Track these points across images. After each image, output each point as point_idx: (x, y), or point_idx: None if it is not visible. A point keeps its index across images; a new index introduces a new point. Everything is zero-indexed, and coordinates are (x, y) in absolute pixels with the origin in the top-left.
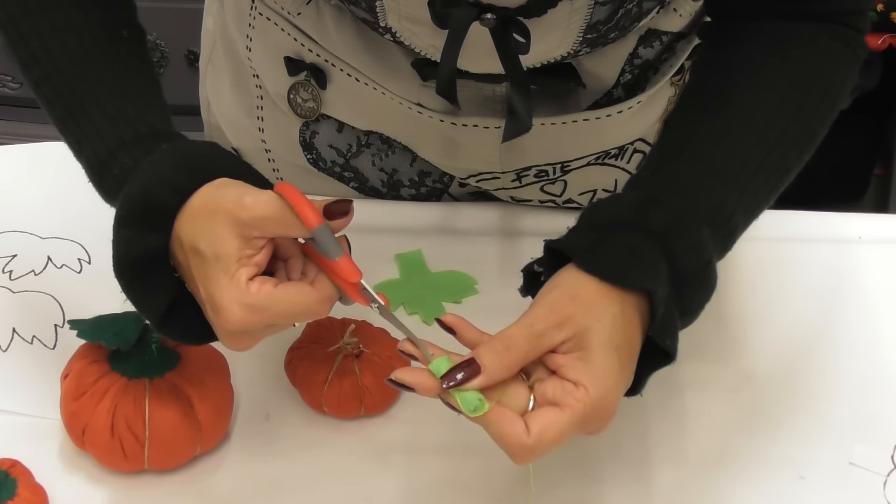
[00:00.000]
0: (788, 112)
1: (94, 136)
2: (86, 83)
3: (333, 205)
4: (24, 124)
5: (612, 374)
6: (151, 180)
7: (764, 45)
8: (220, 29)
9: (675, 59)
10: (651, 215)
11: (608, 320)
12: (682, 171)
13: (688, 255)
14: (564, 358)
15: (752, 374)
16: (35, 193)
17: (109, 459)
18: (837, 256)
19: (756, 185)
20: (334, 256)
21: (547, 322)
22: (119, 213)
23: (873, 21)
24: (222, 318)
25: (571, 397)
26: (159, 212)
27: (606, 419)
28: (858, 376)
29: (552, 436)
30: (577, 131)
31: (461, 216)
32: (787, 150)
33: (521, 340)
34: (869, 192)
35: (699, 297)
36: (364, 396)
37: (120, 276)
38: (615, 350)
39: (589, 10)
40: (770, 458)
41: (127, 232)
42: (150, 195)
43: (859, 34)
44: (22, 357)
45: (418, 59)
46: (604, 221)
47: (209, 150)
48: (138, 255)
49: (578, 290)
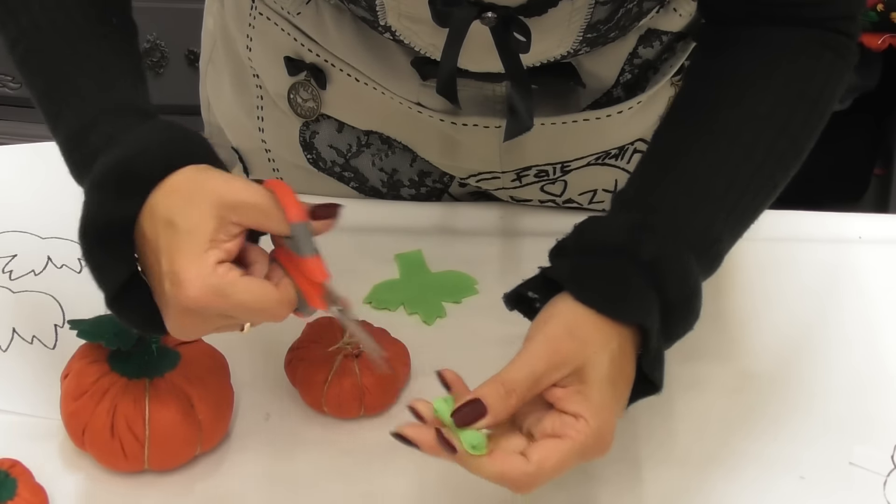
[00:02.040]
0: (775, 126)
1: (77, 104)
2: (73, 55)
3: (321, 207)
4: (24, 124)
5: (609, 408)
6: (136, 149)
7: (755, 57)
8: (221, 29)
9: (675, 59)
10: (641, 244)
11: (606, 355)
12: (670, 191)
13: (676, 286)
14: (563, 392)
15: (752, 374)
16: (35, 193)
17: (109, 459)
18: (837, 256)
19: (743, 206)
20: (305, 254)
21: (546, 362)
22: (96, 176)
23: (873, 21)
24: (181, 292)
25: (572, 429)
26: (138, 180)
27: (604, 449)
28: (858, 376)
29: (553, 463)
30: (577, 131)
31: (461, 216)
32: (774, 169)
33: (523, 385)
34: (869, 192)
35: (683, 326)
36: (364, 396)
37: (83, 238)
38: (612, 384)
39: (589, 10)
40: (770, 458)
41: (101, 195)
42: (133, 163)
43: (850, 40)
44: (22, 357)
45: (418, 58)
46: (593, 246)
47: (200, 139)
48: (107, 222)
49: (575, 324)
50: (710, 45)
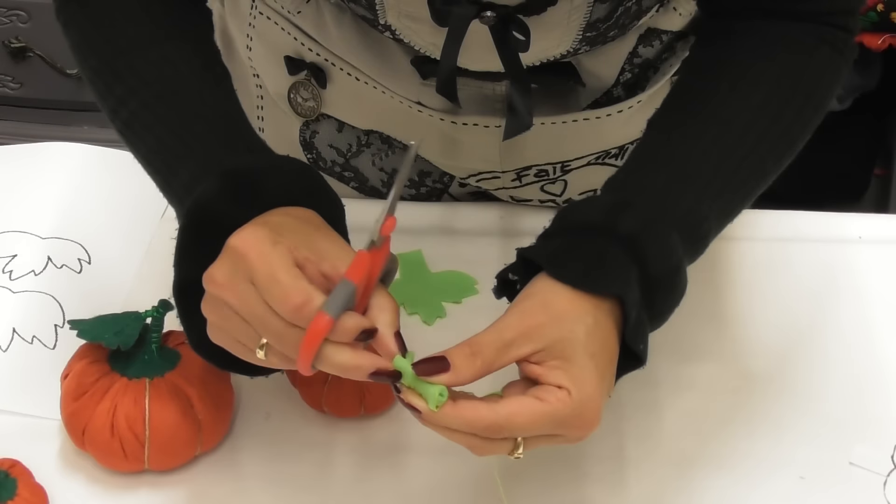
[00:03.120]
0: (768, 115)
1: (193, 164)
2: (190, 105)
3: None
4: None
5: (591, 381)
6: (206, 199)
7: (750, 48)
8: (221, 29)
9: (675, 58)
10: (620, 220)
11: (582, 329)
12: (654, 174)
13: (657, 260)
14: (542, 367)
15: (751, 374)
16: (35, 193)
17: (109, 459)
18: (837, 257)
19: (731, 190)
20: (334, 314)
21: (516, 330)
22: (179, 234)
23: (873, 21)
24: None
25: (554, 396)
26: (214, 230)
27: (588, 427)
28: (859, 376)
29: (523, 420)
30: (577, 131)
31: (461, 216)
32: (765, 155)
33: (489, 347)
34: (869, 192)
35: (669, 301)
36: (364, 396)
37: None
38: (591, 357)
39: (588, 8)
40: (770, 458)
41: (188, 252)
42: (206, 211)
43: (849, 35)
44: (22, 357)
45: (418, 57)
46: (574, 226)
47: (265, 169)
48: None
49: (550, 299)
50: (707, 37)
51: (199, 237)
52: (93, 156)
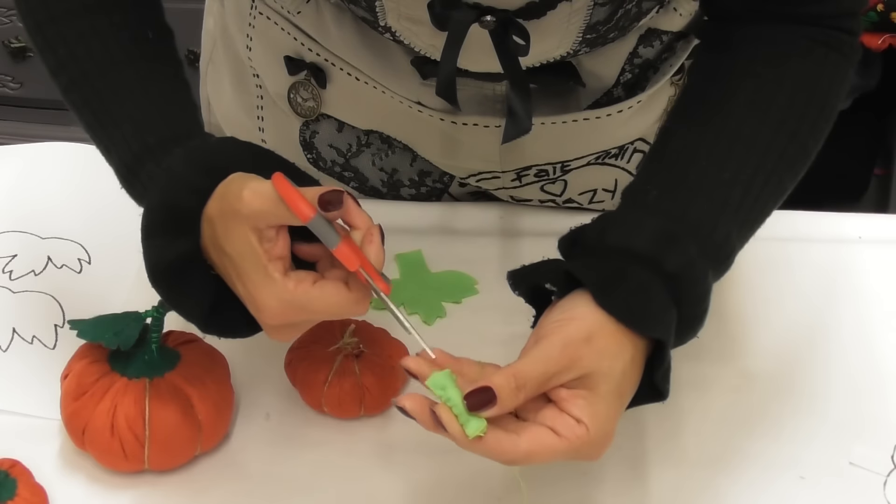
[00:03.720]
0: (786, 133)
1: (121, 143)
2: (111, 88)
3: (325, 194)
4: (24, 124)
5: (611, 418)
6: (169, 186)
7: (760, 56)
8: (221, 29)
9: (675, 58)
10: (667, 256)
11: (619, 368)
12: (690, 199)
13: (693, 304)
14: (568, 393)
15: (752, 374)
16: (35, 193)
17: (109, 459)
18: (837, 257)
19: (756, 213)
20: (332, 246)
21: (560, 364)
22: (144, 223)
23: (873, 21)
24: (265, 315)
25: (571, 432)
26: (183, 216)
27: (597, 455)
28: (859, 376)
29: (542, 458)
30: (577, 131)
31: (461, 216)
32: (784, 175)
33: (534, 382)
34: (869, 192)
35: (689, 335)
36: (364, 396)
37: (156, 286)
38: (619, 397)
39: (588, 11)
40: (770, 458)
41: (156, 241)
42: (170, 201)
43: (853, 38)
44: (22, 357)
45: (418, 58)
46: (620, 248)
47: (224, 145)
48: (170, 262)
49: (595, 332)
50: (713, 42)
51: (169, 225)
52: (93, 156)
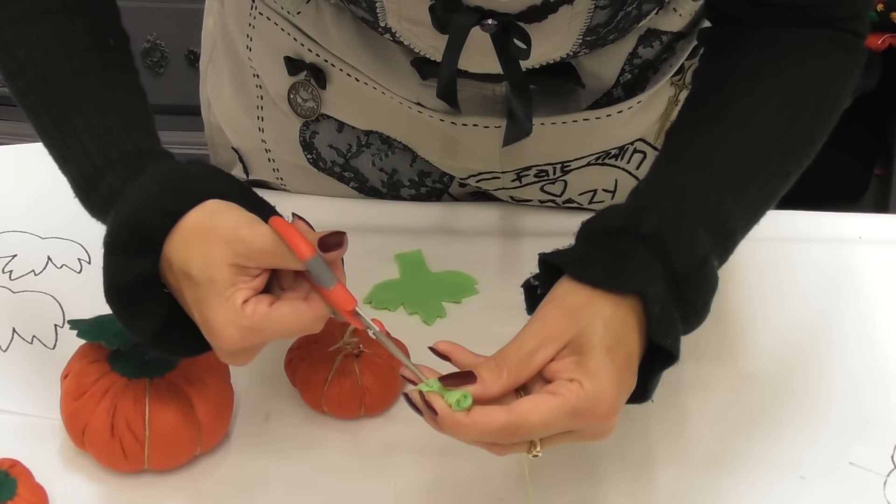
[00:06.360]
0: (786, 116)
1: (80, 153)
2: (72, 95)
3: (328, 237)
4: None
5: (606, 372)
6: (138, 205)
7: (763, 52)
8: (221, 29)
9: (675, 58)
10: (643, 220)
11: (598, 323)
12: (676, 177)
13: (682, 254)
14: (559, 363)
15: (752, 374)
16: (35, 193)
17: (109, 459)
18: (837, 257)
19: (754, 190)
20: (329, 286)
21: (537, 337)
22: (107, 239)
23: (873, 21)
24: (221, 341)
25: (566, 388)
26: (147, 237)
27: (606, 420)
28: (859, 376)
29: (538, 417)
30: (577, 131)
31: (461, 216)
32: (785, 155)
33: (513, 357)
34: (869, 192)
35: (701, 296)
36: (364, 396)
37: (110, 302)
38: (607, 350)
39: (589, 14)
40: (770, 458)
41: (116, 259)
42: (137, 220)
43: (859, 39)
44: (22, 357)
45: (418, 58)
46: (596, 232)
47: (195, 170)
48: (128, 282)
49: (568, 300)
50: (717, 47)
51: (134, 244)
52: None
